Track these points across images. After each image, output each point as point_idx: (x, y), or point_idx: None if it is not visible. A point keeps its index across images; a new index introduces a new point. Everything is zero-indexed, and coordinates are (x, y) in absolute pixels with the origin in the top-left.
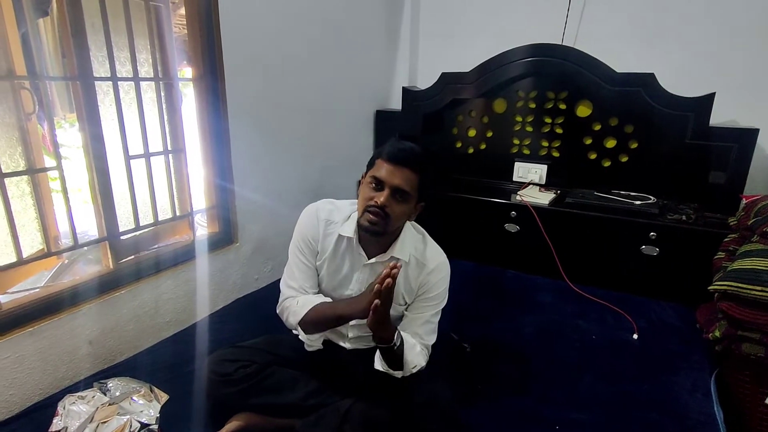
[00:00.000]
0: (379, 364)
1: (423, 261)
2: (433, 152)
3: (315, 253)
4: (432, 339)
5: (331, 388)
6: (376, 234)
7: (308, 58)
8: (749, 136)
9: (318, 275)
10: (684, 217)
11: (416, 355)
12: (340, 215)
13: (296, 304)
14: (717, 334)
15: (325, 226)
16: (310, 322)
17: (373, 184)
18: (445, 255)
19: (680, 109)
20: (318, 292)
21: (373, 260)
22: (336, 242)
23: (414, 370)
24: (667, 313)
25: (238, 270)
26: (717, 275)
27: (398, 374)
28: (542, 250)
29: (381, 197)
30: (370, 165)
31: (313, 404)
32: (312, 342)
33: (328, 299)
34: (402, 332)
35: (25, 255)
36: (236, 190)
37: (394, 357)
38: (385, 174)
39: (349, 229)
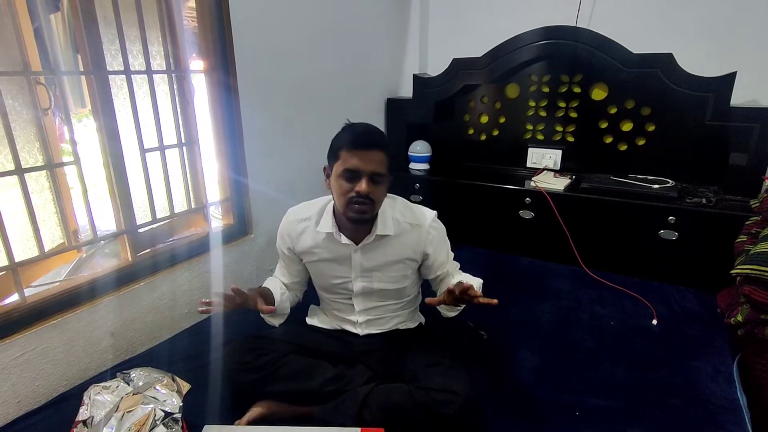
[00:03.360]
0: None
1: (416, 222)
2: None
3: (295, 253)
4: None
5: (348, 376)
6: (366, 222)
7: (318, 48)
8: None
9: (308, 273)
10: (704, 201)
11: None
12: (312, 211)
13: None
14: (739, 318)
15: (297, 224)
16: None
17: (348, 176)
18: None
19: (699, 90)
20: (297, 286)
21: (362, 245)
22: (315, 238)
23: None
24: (686, 299)
25: (253, 261)
26: (739, 259)
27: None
28: (558, 236)
29: (362, 186)
30: (334, 158)
31: (331, 391)
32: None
33: (276, 282)
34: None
35: (46, 249)
36: (249, 181)
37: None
38: (358, 163)
39: (327, 225)
